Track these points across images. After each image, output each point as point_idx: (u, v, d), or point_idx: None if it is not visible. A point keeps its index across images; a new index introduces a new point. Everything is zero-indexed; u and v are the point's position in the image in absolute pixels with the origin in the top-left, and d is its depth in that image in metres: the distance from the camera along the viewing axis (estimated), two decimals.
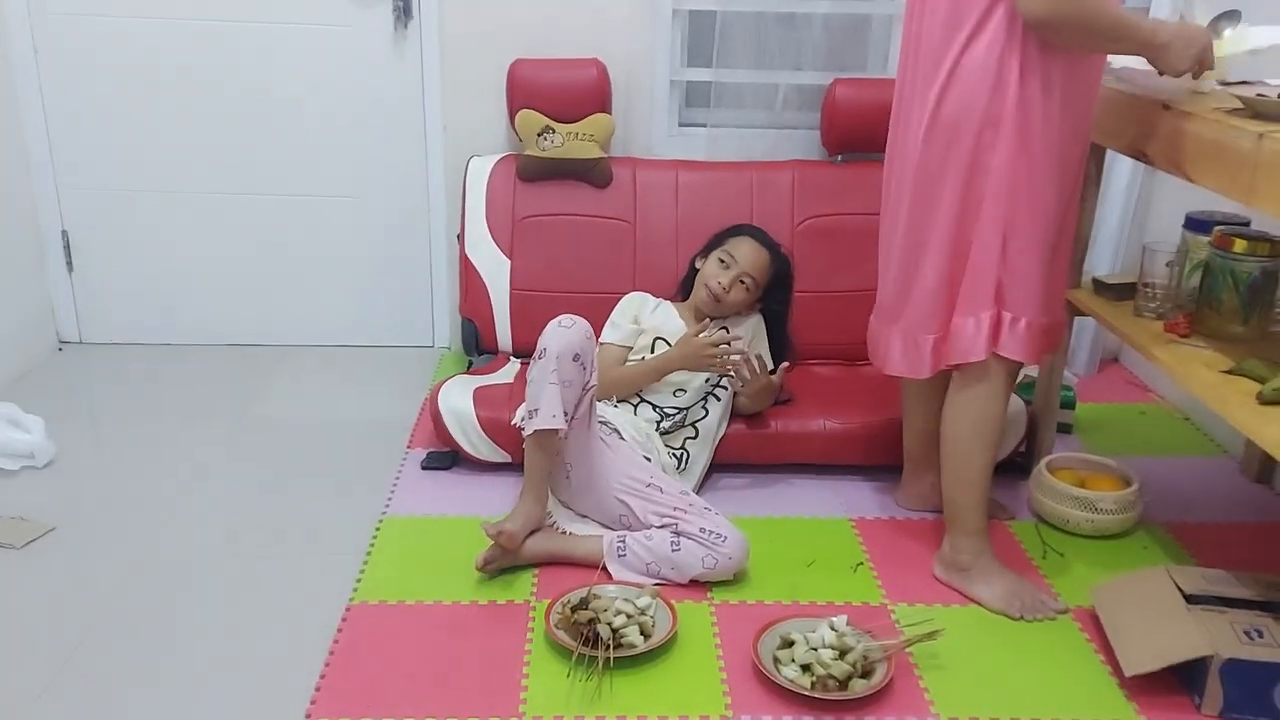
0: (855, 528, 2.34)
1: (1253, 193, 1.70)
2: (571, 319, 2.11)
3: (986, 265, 1.94)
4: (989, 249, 1.93)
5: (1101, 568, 2.20)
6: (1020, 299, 1.96)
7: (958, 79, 1.86)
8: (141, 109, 3.05)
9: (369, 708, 1.74)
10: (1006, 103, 1.84)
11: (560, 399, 2.06)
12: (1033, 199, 1.90)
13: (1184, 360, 1.98)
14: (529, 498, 2.13)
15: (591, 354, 2.13)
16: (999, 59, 1.82)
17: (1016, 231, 1.92)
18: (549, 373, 2.06)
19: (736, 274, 2.45)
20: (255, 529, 2.28)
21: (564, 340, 2.07)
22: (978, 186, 1.91)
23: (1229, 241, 2.03)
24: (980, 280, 1.96)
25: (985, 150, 1.88)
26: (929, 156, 1.94)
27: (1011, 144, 1.86)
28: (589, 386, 2.13)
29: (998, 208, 1.90)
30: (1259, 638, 1.77)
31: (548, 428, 2.06)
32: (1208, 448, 2.77)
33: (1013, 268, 1.94)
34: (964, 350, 1.99)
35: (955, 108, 1.88)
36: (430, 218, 3.18)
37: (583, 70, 2.89)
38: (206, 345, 3.26)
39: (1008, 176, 1.88)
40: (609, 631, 1.85)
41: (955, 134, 1.89)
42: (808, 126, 3.06)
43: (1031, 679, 1.86)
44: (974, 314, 1.97)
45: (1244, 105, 1.84)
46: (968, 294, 1.98)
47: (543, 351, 2.08)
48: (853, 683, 1.78)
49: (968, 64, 1.85)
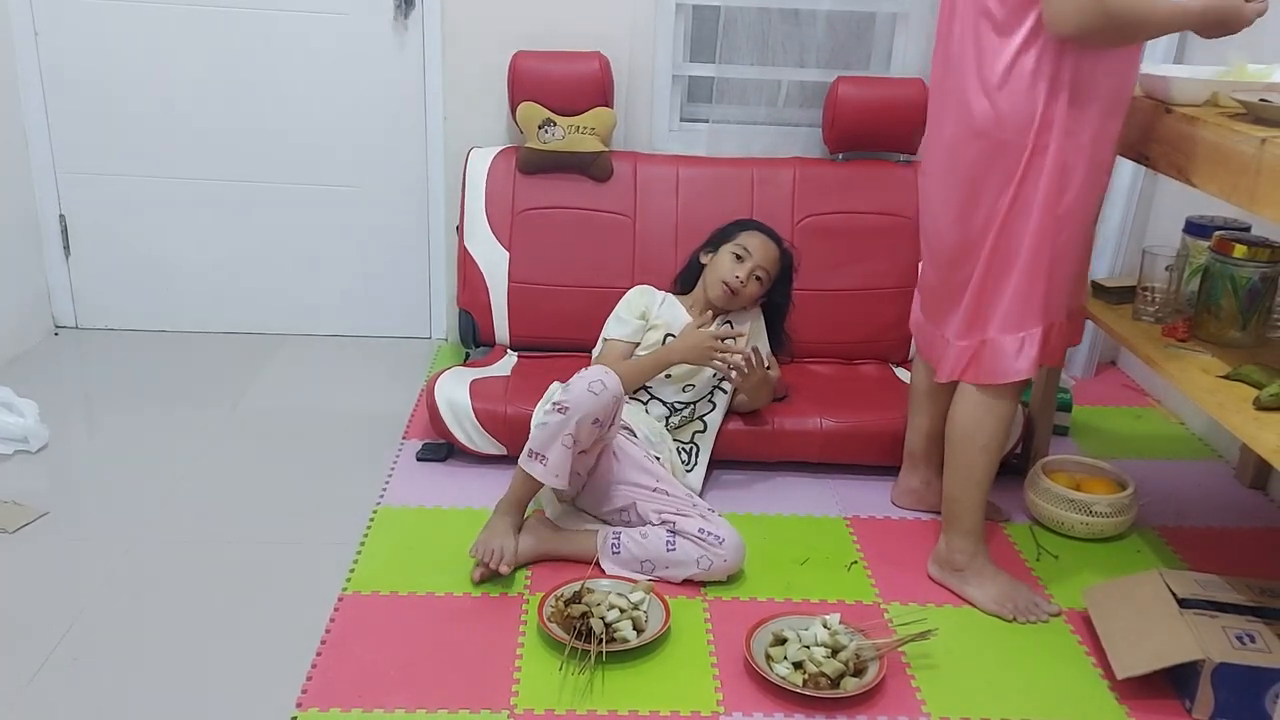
0: (850, 526, 2.34)
1: (1254, 198, 1.69)
2: (603, 383, 2.03)
3: (1035, 280, 1.91)
4: (1038, 264, 1.90)
5: (1095, 571, 2.20)
6: (1057, 305, 1.96)
7: (993, 87, 1.83)
8: (141, 95, 3.04)
9: (360, 698, 1.74)
10: (1051, 111, 1.81)
11: (570, 463, 2.02)
12: (1075, 208, 1.88)
13: (1182, 365, 1.98)
14: (506, 522, 2.11)
15: (614, 415, 2.08)
16: (1033, 68, 1.79)
17: (1060, 242, 1.89)
18: (565, 433, 2.00)
19: (751, 268, 2.44)
20: (249, 517, 2.28)
21: (589, 406, 2.00)
22: (1024, 198, 1.86)
23: (1229, 246, 2.03)
24: (1029, 297, 1.92)
25: (1029, 160, 1.84)
26: (972, 163, 1.90)
27: (1055, 154, 1.83)
28: (605, 439, 2.11)
29: (1044, 221, 1.87)
30: (1251, 643, 1.77)
31: (547, 484, 2.06)
32: (1203, 452, 2.77)
33: (1054, 278, 1.92)
34: (1004, 370, 1.96)
35: (991, 119, 1.84)
36: (429, 209, 3.17)
37: (585, 63, 2.89)
38: (203, 333, 3.25)
39: (1053, 185, 1.84)
40: (602, 626, 1.85)
41: (997, 145, 1.85)
42: (809, 124, 3.06)
43: (1023, 680, 1.86)
44: (1019, 331, 1.94)
45: (1247, 110, 1.84)
46: (1014, 311, 1.93)
47: (564, 408, 2.00)
48: (845, 681, 1.78)
49: (1003, 72, 1.81)
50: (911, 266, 2.87)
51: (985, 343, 1.98)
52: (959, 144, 1.91)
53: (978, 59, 1.85)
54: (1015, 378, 1.97)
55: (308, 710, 1.71)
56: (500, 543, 2.06)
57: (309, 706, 1.72)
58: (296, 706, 1.72)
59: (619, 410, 2.10)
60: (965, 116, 1.88)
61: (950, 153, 1.94)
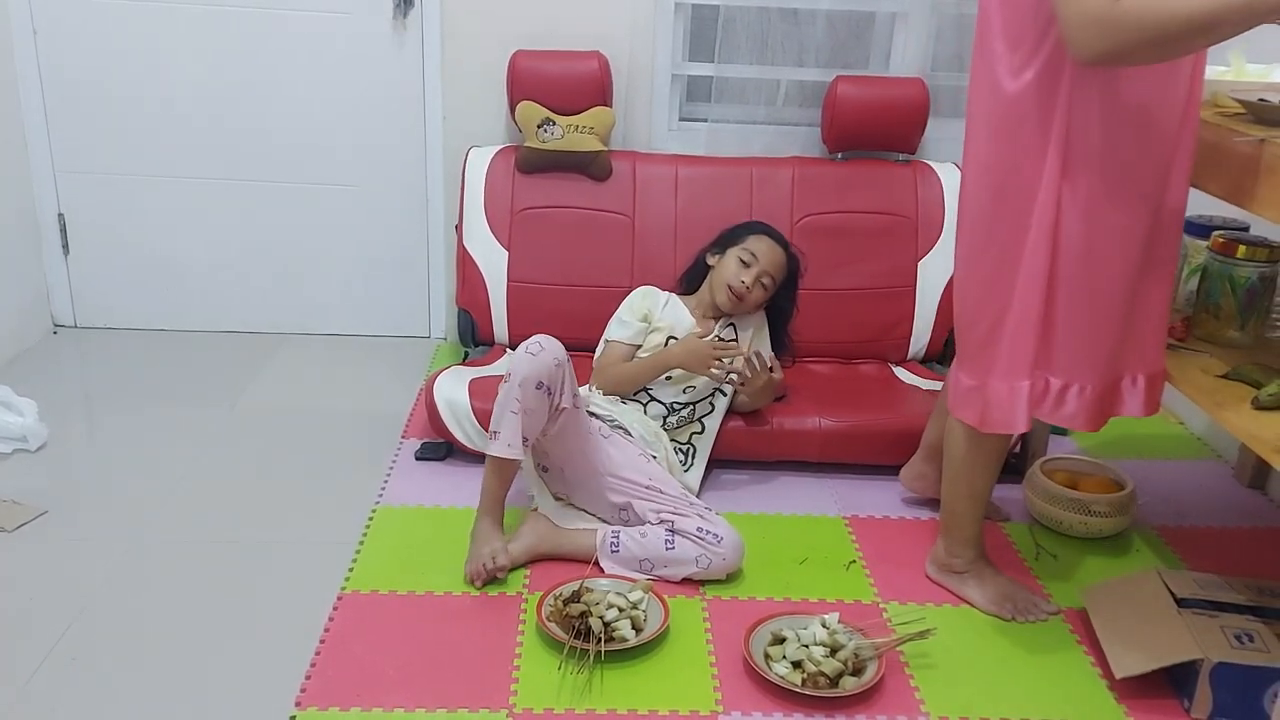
0: (849, 526, 2.34)
1: (1253, 198, 1.70)
2: (540, 344, 2.05)
3: (1025, 332, 1.81)
4: (1027, 316, 1.80)
5: (1094, 570, 2.20)
6: (1069, 364, 1.82)
7: (998, 102, 1.75)
8: (140, 93, 3.04)
9: (359, 697, 1.74)
10: (1038, 163, 1.72)
11: (520, 428, 2.02)
12: (1091, 236, 1.75)
13: (1180, 364, 1.98)
14: (488, 523, 2.10)
15: (560, 380, 2.06)
16: (1048, 84, 1.69)
17: (1062, 298, 1.78)
18: (512, 399, 2.02)
19: (758, 273, 2.44)
20: (248, 516, 2.28)
21: (528, 368, 2.02)
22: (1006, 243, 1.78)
23: (1228, 246, 2.03)
24: (1020, 347, 1.82)
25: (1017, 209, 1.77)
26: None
27: (1042, 209, 1.74)
28: (559, 410, 2.08)
29: (1031, 271, 1.77)
30: (1249, 642, 1.78)
31: (504, 456, 2.04)
32: (1202, 452, 2.78)
33: (1056, 335, 1.81)
34: (992, 420, 1.87)
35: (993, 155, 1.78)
36: (429, 208, 3.18)
37: (584, 63, 2.89)
38: (202, 332, 3.25)
39: (1041, 243, 1.76)
40: (600, 625, 1.85)
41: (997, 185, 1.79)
42: (808, 123, 3.06)
43: (1022, 679, 1.86)
44: (1011, 380, 1.84)
45: (1246, 110, 1.84)
46: (1010, 359, 1.84)
47: (508, 376, 2.04)
48: (843, 680, 1.78)
49: (1014, 88, 1.72)
50: (910, 266, 2.88)
51: (983, 387, 1.88)
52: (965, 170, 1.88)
53: (982, 73, 1.79)
54: (1001, 429, 1.88)
55: (307, 709, 1.71)
56: (489, 549, 2.05)
57: (308, 705, 1.72)
58: (295, 705, 1.72)
59: (565, 376, 2.07)
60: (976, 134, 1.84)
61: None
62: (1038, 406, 1.84)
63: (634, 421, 2.33)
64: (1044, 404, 1.84)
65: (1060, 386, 1.83)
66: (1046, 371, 1.83)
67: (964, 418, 1.94)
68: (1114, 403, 1.90)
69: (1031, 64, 1.69)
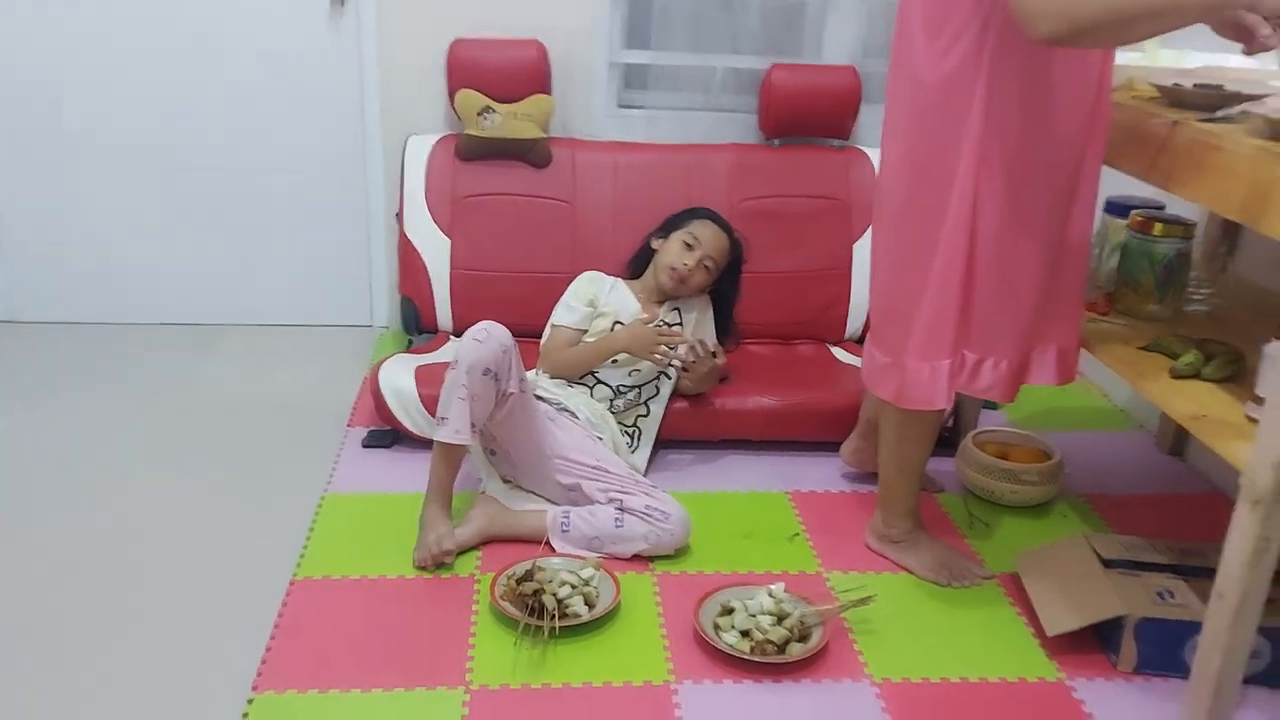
0: (792, 500, 2.41)
1: (1168, 178, 1.78)
2: (486, 331, 2.07)
3: (946, 307, 1.87)
4: (947, 290, 1.86)
5: (1025, 536, 2.29)
6: (985, 338, 1.89)
7: (919, 92, 1.81)
8: (72, 85, 2.99)
9: (316, 679, 1.76)
10: (962, 131, 1.77)
11: (468, 413, 2.04)
12: (1007, 218, 1.81)
13: (1103, 337, 2.07)
14: (436, 508, 2.11)
15: (508, 366, 2.08)
16: (967, 72, 1.73)
17: (979, 269, 1.85)
18: (459, 386, 2.03)
19: (700, 256, 2.49)
20: (194, 506, 2.27)
21: (475, 355, 2.04)
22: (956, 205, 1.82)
23: (1146, 225, 2.12)
24: (938, 324, 1.88)
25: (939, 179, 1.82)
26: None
27: (963, 178, 1.79)
28: (507, 393, 2.10)
29: (952, 245, 1.83)
30: (1170, 598, 1.87)
31: (452, 442, 2.06)
32: (1125, 423, 2.90)
33: (974, 308, 1.87)
34: (912, 397, 1.94)
35: (920, 126, 1.82)
36: (369, 196, 3.17)
37: (522, 50, 2.91)
38: (141, 324, 3.21)
39: (962, 210, 1.81)
40: (554, 602, 1.89)
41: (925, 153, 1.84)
42: (745, 110, 3.12)
43: (960, 641, 1.94)
44: (929, 359, 1.90)
45: (1161, 94, 1.93)
46: (927, 336, 1.90)
47: (455, 362, 2.05)
48: (790, 646, 1.84)
49: (933, 78, 1.77)
50: (845, 249, 2.95)
51: (899, 364, 1.96)
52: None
53: (901, 57, 1.86)
54: (922, 407, 1.94)
55: (264, 693, 1.72)
56: (434, 535, 2.07)
57: (265, 689, 1.73)
58: (252, 689, 1.73)
59: (512, 362, 2.10)
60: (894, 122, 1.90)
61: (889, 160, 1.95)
62: (955, 380, 1.93)
63: (580, 405, 2.37)
64: (960, 377, 1.93)
65: (976, 360, 1.92)
66: (964, 347, 1.91)
67: (881, 394, 2.02)
68: (1038, 373, 1.99)
69: (950, 55, 1.75)
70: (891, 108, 1.91)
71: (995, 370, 1.92)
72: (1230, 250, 2.37)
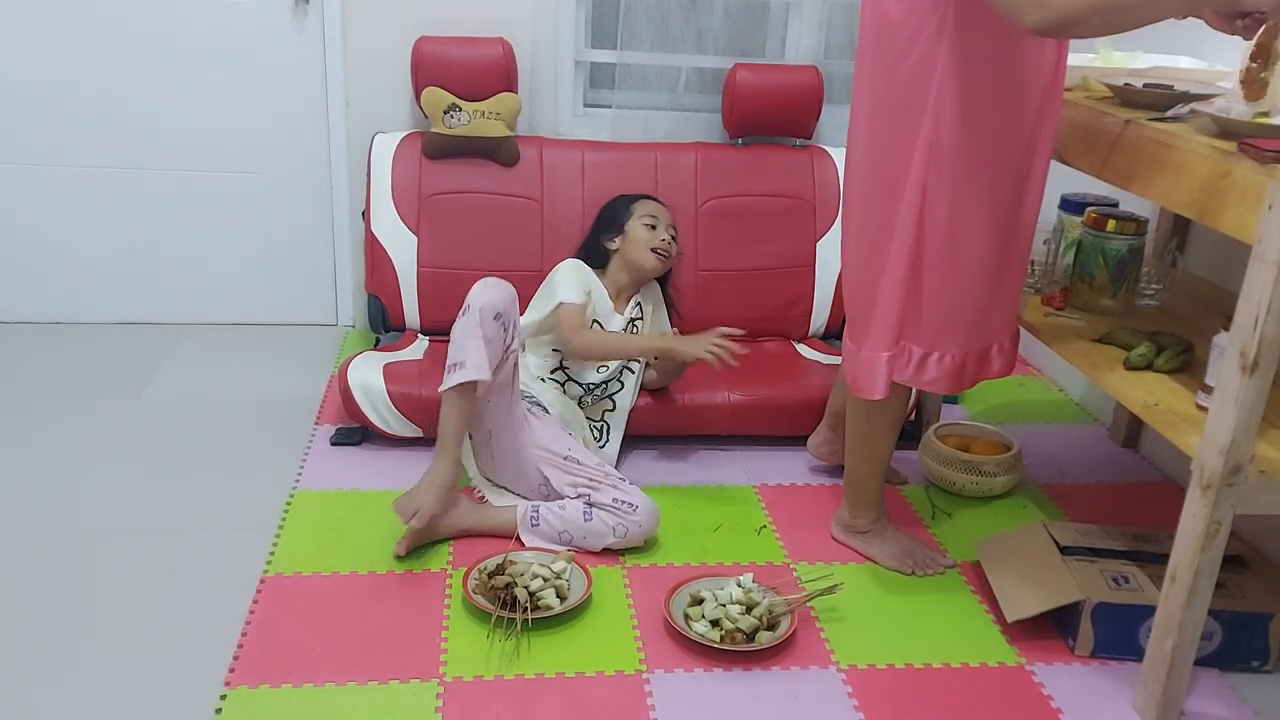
0: (759, 494, 2.44)
1: (1121, 176, 1.84)
2: (497, 280, 2.14)
3: (891, 301, 1.94)
4: (893, 285, 1.93)
5: (985, 525, 2.34)
6: (934, 334, 1.95)
7: (879, 89, 1.86)
8: (29, 80, 2.95)
9: (289, 674, 1.76)
10: (914, 129, 1.82)
11: (485, 352, 2.07)
12: (954, 220, 1.87)
13: (1059, 331, 2.13)
14: (444, 459, 2.10)
15: (513, 318, 2.15)
16: (923, 73, 1.78)
17: (927, 266, 1.90)
18: (474, 326, 2.07)
19: (665, 228, 2.54)
20: (161, 505, 2.26)
21: (487, 297, 2.09)
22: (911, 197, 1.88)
23: (1099, 221, 2.18)
24: (887, 317, 1.95)
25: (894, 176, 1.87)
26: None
27: (915, 177, 1.85)
28: (510, 349, 2.15)
29: (902, 242, 1.89)
30: (1125, 584, 1.93)
31: (474, 379, 2.06)
32: (1081, 416, 2.97)
33: (919, 304, 1.93)
34: (863, 386, 2.01)
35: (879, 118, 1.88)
36: (333, 194, 3.16)
37: (488, 49, 2.92)
38: (100, 324, 3.18)
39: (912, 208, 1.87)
40: (526, 594, 1.91)
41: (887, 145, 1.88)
42: (710, 109, 3.15)
43: (923, 627, 1.99)
44: (879, 350, 1.98)
45: (1114, 94, 1.99)
46: (879, 329, 1.97)
47: (467, 308, 2.10)
48: (759, 635, 1.88)
49: (892, 76, 1.82)
50: (809, 246, 2.99)
51: (857, 353, 2.03)
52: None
53: (864, 56, 1.91)
54: (865, 395, 2.02)
55: (236, 688, 1.73)
56: (419, 500, 2.07)
57: (238, 685, 1.73)
58: (225, 685, 1.73)
59: (516, 317, 2.16)
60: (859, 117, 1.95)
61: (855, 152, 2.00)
62: (900, 373, 1.99)
63: (552, 401, 2.39)
64: (906, 370, 1.99)
65: (922, 354, 1.98)
66: (912, 341, 1.97)
67: (849, 382, 2.08)
68: (982, 368, 2.05)
69: (908, 54, 1.80)
70: (855, 105, 1.96)
71: (940, 364, 1.98)
72: (1180, 246, 2.44)
